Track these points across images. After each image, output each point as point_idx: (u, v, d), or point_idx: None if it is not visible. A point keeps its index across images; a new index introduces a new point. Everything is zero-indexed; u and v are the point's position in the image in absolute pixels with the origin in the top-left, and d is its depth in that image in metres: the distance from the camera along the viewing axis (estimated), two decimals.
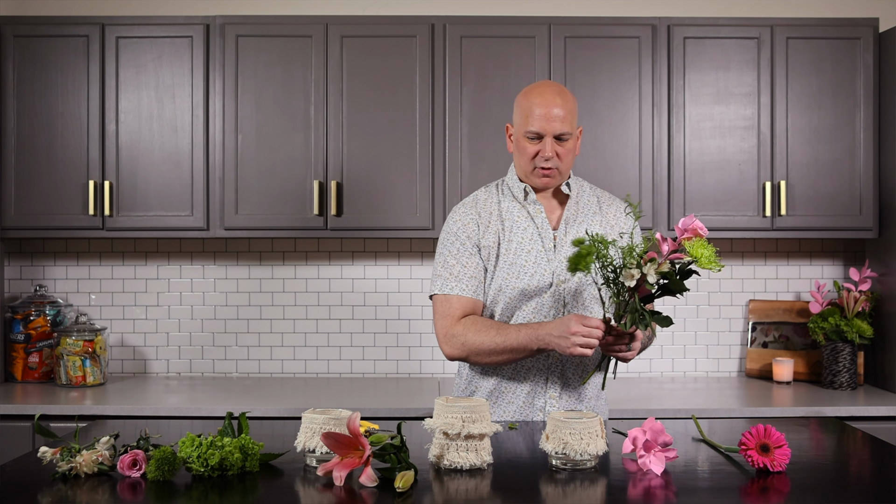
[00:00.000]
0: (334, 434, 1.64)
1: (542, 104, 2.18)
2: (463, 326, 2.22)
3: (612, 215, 2.33)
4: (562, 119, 2.18)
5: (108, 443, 1.75)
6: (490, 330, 2.18)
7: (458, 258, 2.26)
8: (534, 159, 2.21)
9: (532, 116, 2.19)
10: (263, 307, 3.54)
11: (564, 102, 2.20)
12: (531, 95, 2.22)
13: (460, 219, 2.30)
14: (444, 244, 2.30)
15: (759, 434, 1.74)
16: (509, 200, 2.30)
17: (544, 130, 2.18)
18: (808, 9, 3.52)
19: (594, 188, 2.39)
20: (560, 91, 2.22)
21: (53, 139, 3.19)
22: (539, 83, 2.28)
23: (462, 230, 2.28)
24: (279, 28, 3.18)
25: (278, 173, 3.19)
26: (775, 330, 3.48)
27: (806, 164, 3.22)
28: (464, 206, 2.33)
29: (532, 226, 2.27)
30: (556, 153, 2.20)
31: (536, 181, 2.25)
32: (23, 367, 3.32)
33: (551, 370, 2.25)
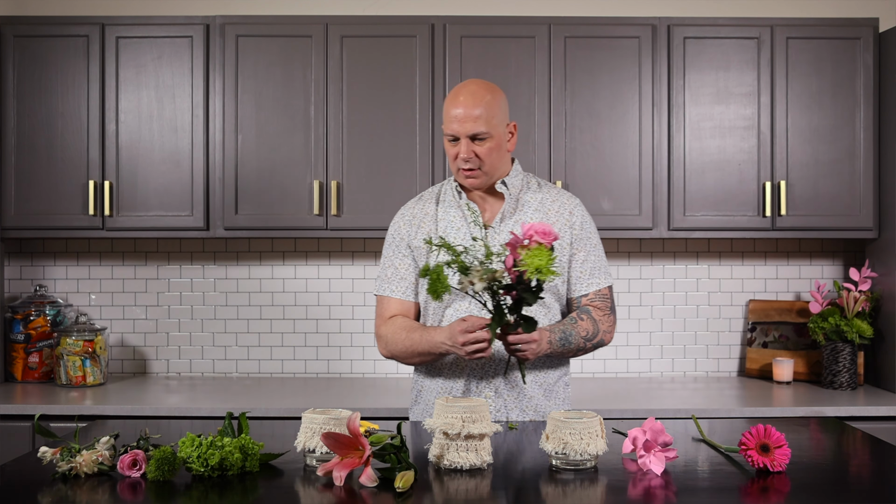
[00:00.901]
0: (334, 434, 1.64)
1: (455, 106, 2.18)
2: (387, 328, 2.28)
3: (556, 211, 2.28)
4: (475, 119, 2.16)
5: (108, 443, 1.75)
6: (402, 333, 2.23)
7: (391, 260, 2.30)
8: (455, 160, 2.21)
9: (447, 118, 2.20)
10: (263, 307, 3.54)
11: (477, 102, 2.17)
12: (448, 98, 2.22)
13: (397, 220, 2.35)
14: (385, 244, 2.37)
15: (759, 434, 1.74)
16: (448, 200, 2.31)
17: (457, 132, 2.18)
18: (808, 9, 3.52)
19: (544, 185, 2.35)
20: (475, 91, 2.19)
21: (53, 139, 3.19)
22: (460, 84, 2.26)
23: (396, 232, 2.33)
24: (279, 28, 3.18)
25: (278, 173, 3.19)
26: (775, 330, 3.48)
27: (806, 164, 3.22)
28: (403, 208, 2.38)
29: (465, 225, 2.26)
30: (474, 153, 2.18)
31: (464, 181, 2.24)
32: (23, 367, 3.32)
33: (485, 369, 2.23)
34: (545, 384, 2.28)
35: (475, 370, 2.23)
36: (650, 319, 3.55)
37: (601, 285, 2.29)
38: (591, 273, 2.28)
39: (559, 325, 2.20)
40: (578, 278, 2.28)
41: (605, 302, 2.30)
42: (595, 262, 2.29)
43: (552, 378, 2.30)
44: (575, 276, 2.28)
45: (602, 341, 2.30)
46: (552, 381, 2.30)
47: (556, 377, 2.31)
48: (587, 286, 2.28)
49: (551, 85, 3.18)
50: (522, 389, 2.24)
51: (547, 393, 2.29)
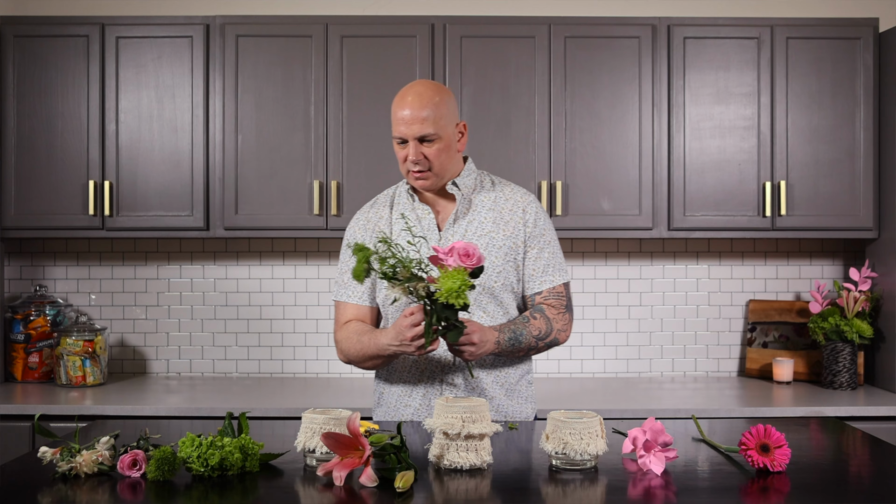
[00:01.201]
0: (334, 434, 1.64)
1: (402, 108, 2.16)
2: (342, 333, 2.27)
3: (509, 210, 2.26)
4: (422, 121, 2.14)
5: (108, 443, 1.75)
6: (354, 337, 2.23)
7: (347, 265, 2.28)
8: (405, 163, 2.19)
9: (395, 120, 2.18)
10: (263, 307, 3.54)
11: (424, 104, 2.14)
12: (395, 100, 2.19)
13: (353, 225, 2.34)
14: (341, 250, 2.35)
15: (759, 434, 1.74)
16: (403, 202, 2.30)
17: (404, 135, 2.16)
18: (808, 9, 3.52)
19: (499, 183, 2.32)
20: (421, 92, 2.16)
21: (53, 139, 3.19)
22: (407, 85, 2.22)
23: (352, 236, 2.32)
24: (279, 28, 3.18)
25: (278, 173, 3.19)
26: (775, 330, 3.48)
27: (806, 164, 3.22)
28: (359, 212, 2.36)
29: (419, 228, 2.24)
30: (423, 155, 2.16)
31: (414, 183, 2.22)
32: (23, 367, 3.32)
33: (445, 372, 2.22)
34: (506, 384, 2.26)
35: (435, 372, 2.22)
36: (650, 319, 3.55)
37: (555, 283, 2.26)
38: (544, 270, 2.25)
39: (510, 325, 2.18)
40: (532, 276, 2.25)
41: (559, 300, 2.27)
42: (549, 260, 2.26)
43: (513, 378, 2.27)
44: (528, 273, 2.25)
45: (556, 340, 2.27)
46: (513, 381, 2.27)
47: (517, 376, 2.28)
48: (540, 284, 2.25)
49: (551, 85, 3.18)
50: (484, 390, 2.22)
51: (509, 393, 2.26)
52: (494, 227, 2.23)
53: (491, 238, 2.22)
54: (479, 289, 2.18)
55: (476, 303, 2.19)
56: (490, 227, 2.23)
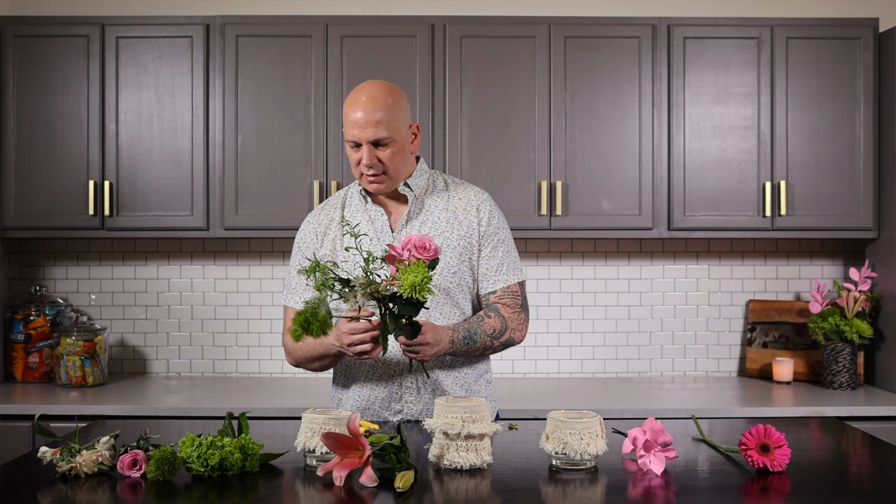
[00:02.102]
0: (334, 434, 1.64)
1: (354, 110, 2.12)
2: (287, 337, 2.23)
3: (462, 208, 2.24)
4: (375, 124, 2.10)
5: (108, 443, 1.75)
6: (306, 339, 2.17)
7: (296, 269, 2.26)
8: (358, 166, 2.16)
9: (347, 123, 2.13)
10: (263, 307, 3.54)
11: (377, 107, 2.11)
12: (347, 101, 2.15)
13: (303, 228, 2.31)
14: (292, 253, 2.33)
15: (759, 434, 1.74)
16: (354, 204, 2.27)
17: (358, 138, 2.12)
18: (808, 9, 3.52)
19: (452, 183, 2.30)
20: (373, 95, 2.12)
21: (53, 139, 3.19)
22: (358, 87, 2.17)
23: (302, 240, 2.29)
24: (279, 28, 3.18)
25: (278, 173, 3.19)
26: (775, 330, 3.48)
27: (806, 164, 3.22)
28: (310, 214, 2.33)
29: (372, 229, 2.22)
30: (377, 159, 2.13)
31: (368, 186, 2.19)
32: (23, 367, 3.32)
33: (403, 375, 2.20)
34: (465, 383, 2.25)
35: (393, 375, 2.20)
36: (650, 319, 3.55)
37: (510, 282, 2.24)
38: (497, 269, 2.23)
39: (464, 324, 2.17)
40: (485, 275, 2.23)
41: (514, 299, 2.25)
42: (503, 258, 2.24)
43: (471, 377, 2.26)
44: (482, 272, 2.24)
45: (512, 339, 2.25)
46: (472, 380, 2.26)
47: (475, 376, 2.27)
48: (494, 283, 2.23)
49: (551, 85, 3.18)
50: (444, 391, 2.21)
51: (469, 392, 2.26)
52: (448, 226, 2.22)
53: (445, 238, 2.21)
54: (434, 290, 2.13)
55: (432, 304, 2.17)
56: (444, 227, 2.22)
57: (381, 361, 2.20)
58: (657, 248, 3.55)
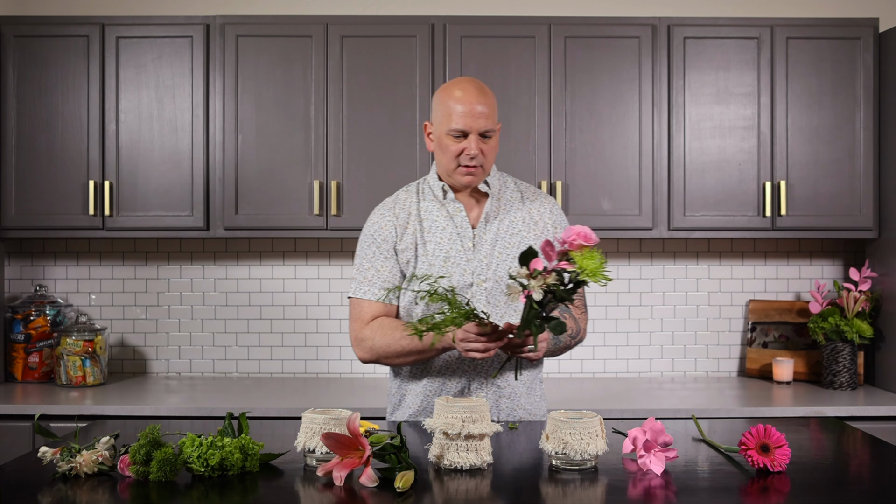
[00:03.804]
0: (334, 434, 1.64)
1: (466, 101, 2.15)
2: (370, 330, 2.21)
3: (537, 210, 2.29)
4: (486, 116, 2.15)
5: (108, 443, 1.75)
6: (395, 332, 2.17)
7: (372, 262, 2.24)
8: (458, 157, 2.17)
9: (455, 114, 2.15)
10: (263, 307, 3.54)
11: (487, 99, 2.17)
12: (453, 93, 2.18)
13: (378, 220, 2.27)
14: (361, 246, 2.28)
15: (759, 434, 1.74)
16: (429, 200, 2.27)
17: (469, 128, 2.15)
18: (808, 9, 3.52)
19: (518, 183, 2.35)
20: (482, 88, 2.19)
21: (53, 139, 3.19)
22: (459, 80, 2.23)
23: (378, 233, 2.26)
24: (279, 28, 3.18)
25: (278, 173, 3.19)
26: (775, 330, 3.48)
27: (806, 164, 3.22)
28: (382, 208, 2.30)
29: (451, 225, 2.23)
30: (480, 150, 2.17)
31: (460, 179, 2.20)
32: (23, 367, 3.32)
33: (477, 371, 2.22)
34: (527, 382, 2.29)
35: (467, 371, 2.23)
36: (650, 319, 3.55)
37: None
38: None
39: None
40: None
41: (581, 300, 2.32)
42: None
43: (531, 377, 2.30)
44: None
45: (582, 339, 2.32)
46: (531, 380, 2.30)
47: (534, 374, 2.31)
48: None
49: (551, 85, 3.18)
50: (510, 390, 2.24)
51: (529, 391, 2.29)
52: (524, 226, 2.26)
53: (522, 238, 2.25)
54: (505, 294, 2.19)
55: (507, 303, 2.21)
56: (520, 227, 2.26)
57: (453, 357, 2.22)
58: (657, 248, 3.55)
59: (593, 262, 1.81)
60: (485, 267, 2.21)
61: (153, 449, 1.67)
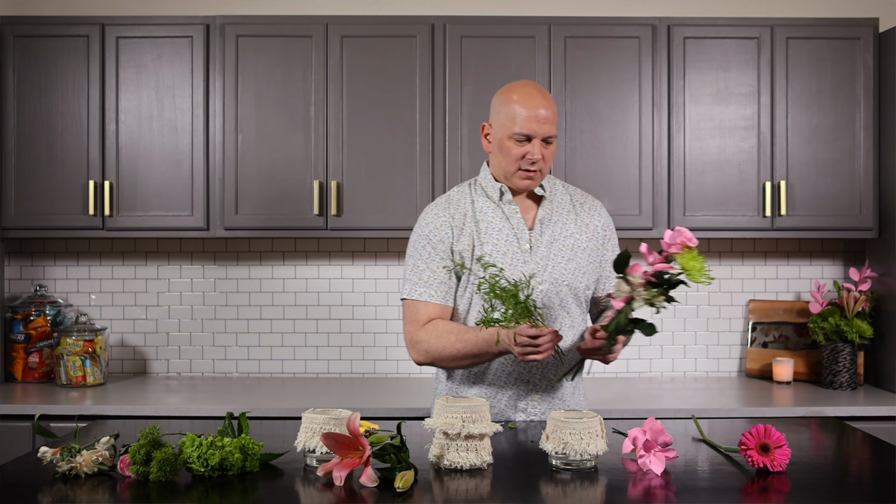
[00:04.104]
0: (334, 434, 1.64)
1: (532, 106, 2.16)
2: (426, 332, 2.20)
3: (587, 213, 2.32)
4: (550, 121, 2.17)
5: (108, 443, 1.75)
6: (451, 335, 2.16)
7: (427, 263, 2.23)
8: (519, 161, 2.18)
9: (520, 118, 2.16)
10: (263, 307, 3.54)
11: (550, 105, 2.18)
12: (516, 96, 2.19)
13: (433, 221, 2.26)
14: (415, 247, 2.27)
15: (759, 434, 1.74)
16: (483, 200, 2.27)
17: (534, 133, 2.16)
18: (808, 9, 3.52)
19: (566, 186, 2.37)
20: (544, 92, 2.21)
21: (53, 139, 3.19)
22: (523, 84, 2.24)
23: (434, 233, 2.24)
24: (279, 28, 3.18)
25: (278, 173, 3.19)
26: (775, 330, 3.48)
27: (806, 164, 3.22)
28: (437, 208, 2.28)
29: (507, 227, 2.24)
30: (542, 155, 2.18)
31: (519, 183, 2.22)
32: (23, 367, 3.32)
33: (532, 373, 2.24)
34: (574, 383, 2.33)
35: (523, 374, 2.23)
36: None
37: None
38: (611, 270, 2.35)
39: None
40: (608, 276, 2.34)
41: None
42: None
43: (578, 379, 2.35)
44: (604, 274, 2.34)
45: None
46: (578, 381, 2.35)
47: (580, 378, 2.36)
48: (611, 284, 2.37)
49: (551, 85, 3.18)
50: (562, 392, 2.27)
51: (575, 391, 2.34)
52: (577, 228, 2.28)
53: (575, 239, 2.27)
54: (566, 289, 2.23)
55: (561, 304, 2.24)
56: (573, 229, 2.28)
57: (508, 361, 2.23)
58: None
59: (697, 263, 1.86)
60: (541, 269, 2.21)
61: (153, 449, 1.67)
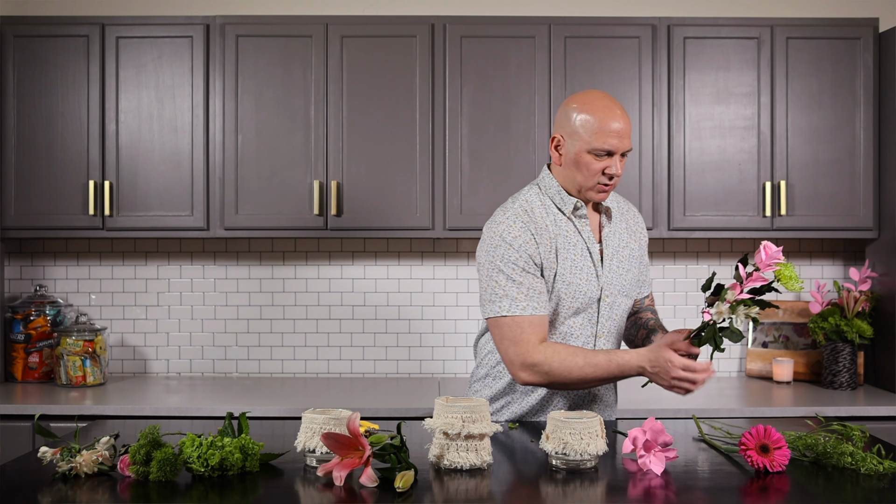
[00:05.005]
0: (334, 434, 1.64)
1: (614, 120, 2.10)
2: (545, 355, 2.09)
3: (633, 221, 2.35)
4: (628, 135, 2.13)
5: (108, 443, 1.75)
6: (577, 358, 2.09)
7: (523, 275, 2.12)
8: (598, 175, 2.13)
9: (603, 133, 2.09)
10: (263, 307, 3.54)
11: (626, 118, 2.13)
12: (598, 111, 2.11)
13: (520, 234, 2.14)
14: (504, 259, 2.13)
15: (759, 434, 1.74)
16: (556, 212, 2.21)
17: (616, 148, 2.11)
18: (808, 9, 3.52)
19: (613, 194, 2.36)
20: (619, 105, 2.15)
21: (53, 139, 3.19)
22: (598, 96, 2.16)
23: (524, 247, 2.13)
24: (279, 28, 3.18)
25: (278, 173, 3.19)
26: (775, 330, 3.48)
27: (806, 164, 3.22)
28: (518, 219, 2.16)
29: (580, 240, 2.19)
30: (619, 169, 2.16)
31: (595, 196, 2.17)
32: (23, 367, 3.32)
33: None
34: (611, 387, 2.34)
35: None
36: None
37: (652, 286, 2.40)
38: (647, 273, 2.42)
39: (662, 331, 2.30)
40: (645, 280, 2.40)
41: (652, 301, 2.50)
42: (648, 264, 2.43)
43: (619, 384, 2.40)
44: (643, 279, 2.38)
45: None
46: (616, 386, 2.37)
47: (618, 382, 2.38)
48: (649, 287, 2.43)
49: (551, 85, 3.18)
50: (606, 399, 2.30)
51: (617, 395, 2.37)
52: (628, 236, 2.30)
53: (631, 249, 2.29)
54: (626, 301, 2.27)
55: (622, 315, 2.27)
56: (626, 238, 2.29)
57: None
58: (657, 248, 3.55)
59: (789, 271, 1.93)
60: (611, 281, 2.21)
61: (153, 449, 1.67)
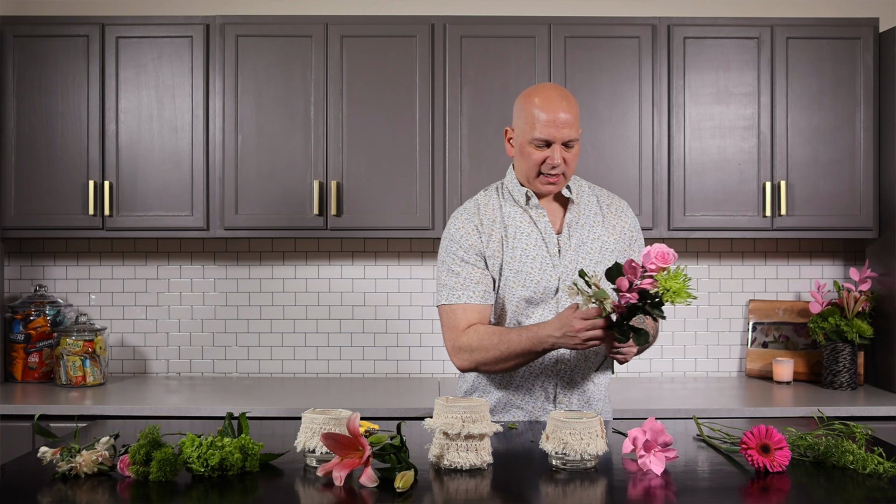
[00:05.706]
0: (334, 434, 1.64)
1: (550, 110, 2.13)
2: (467, 338, 2.16)
3: (613, 214, 2.30)
4: (570, 125, 2.14)
5: (108, 443, 1.75)
6: (493, 338, 2.13)
7: (462, 266, 2.20)
8: (539, 166, 2.16)
9: (539, 122, 2.13)
10: (263, 307, 3.54)
11: (570, 107, 2.15)
12: (535, 100, 2.15)
13: (463, 226, 2.23)
14: (447, 252, 2.24)
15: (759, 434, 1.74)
16: (510, 205, 2.25)
17: (553, 138, 2.13)
18: (808, 9, 3.52)
19: (592, 187, 2.36)
20: (565, 95, 2.17)
21: (53, 139, 3.19)
22: (542, 87, 2.20)
23: (465, 238, 2.22)
24: (279, 28, 3.18)
25: (278, 173, 3.19)
26: (775, 330, 3.48)
27: (806, 164, 3.22)
28: (465, 213, 2.26)
29: (535, 231, 2.22)
30: (563, 159, 2.16)
31: (541, 188, 2.20)
32: (23, 367, 3.32)
33: (560, 376, 2.23)
34: (605, 384, 2.34)
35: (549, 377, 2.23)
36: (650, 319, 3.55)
37: None
38: None
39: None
40: None
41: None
42: None
43: (607, 379, 2.35)
44: None
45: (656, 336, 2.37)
46: (607, 382, 2.35)
47: (609, 378, 2.37)
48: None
49: None
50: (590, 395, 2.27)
51: (606, 392, 2.35)
52: (604, 230, 2.27)
53: (603, 243, 2.25)
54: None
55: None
56: (600, 232, 2.26)
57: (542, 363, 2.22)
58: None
59: (676, 283, 1.83)
60: (571, 273, 2.20)
61: (153, 449, 1.67)
